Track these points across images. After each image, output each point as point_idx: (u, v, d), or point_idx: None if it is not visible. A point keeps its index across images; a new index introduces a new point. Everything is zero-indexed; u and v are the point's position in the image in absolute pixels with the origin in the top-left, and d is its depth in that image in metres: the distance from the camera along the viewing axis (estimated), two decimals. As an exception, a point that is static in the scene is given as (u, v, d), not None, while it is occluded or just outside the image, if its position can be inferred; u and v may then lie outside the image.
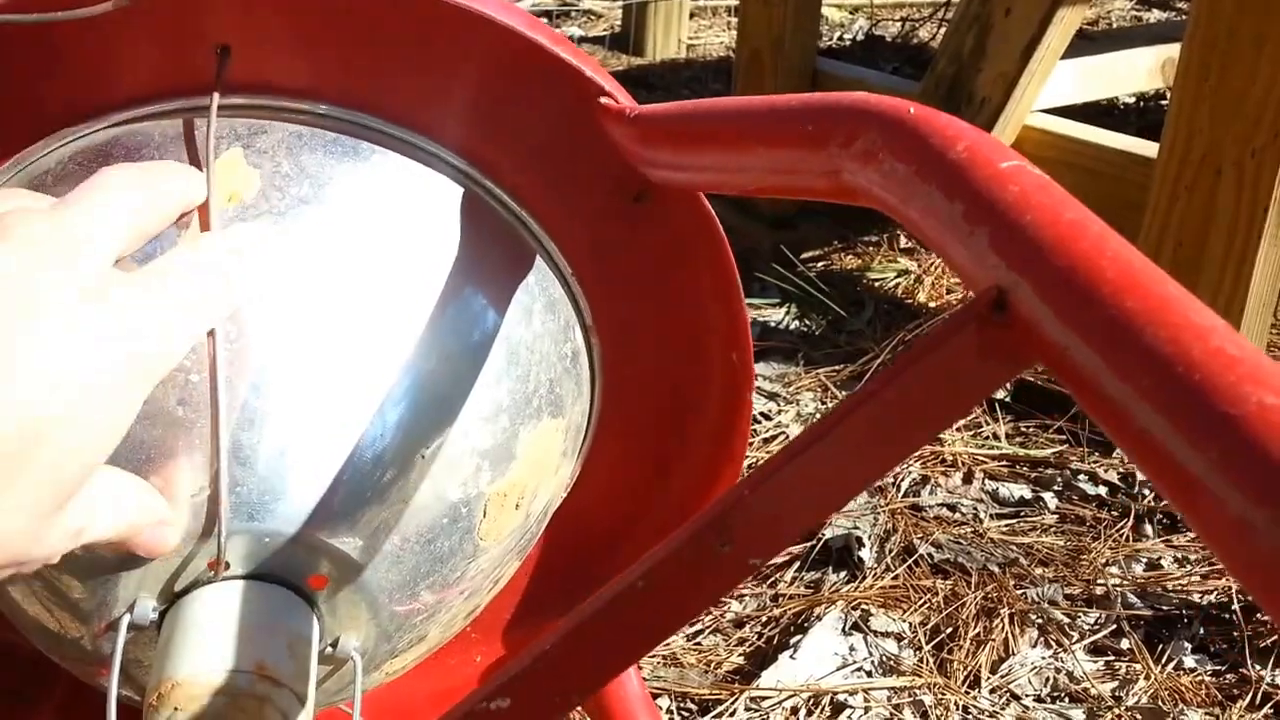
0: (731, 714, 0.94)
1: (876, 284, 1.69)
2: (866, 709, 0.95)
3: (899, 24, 3.11)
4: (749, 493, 0.32)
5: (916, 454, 1.21)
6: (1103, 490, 1.19)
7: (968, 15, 1.36)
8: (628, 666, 0.40)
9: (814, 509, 0.33)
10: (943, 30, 2.16)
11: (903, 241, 1.78)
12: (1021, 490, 1.19)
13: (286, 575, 0.51)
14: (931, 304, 1.63)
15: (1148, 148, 1.27)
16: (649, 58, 3.00)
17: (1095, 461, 1.23)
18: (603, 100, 0.54)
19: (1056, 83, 1.41)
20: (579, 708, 0.62)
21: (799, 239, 1.82)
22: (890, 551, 1.11)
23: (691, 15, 3.26)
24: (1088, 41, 1.59)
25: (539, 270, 0.63)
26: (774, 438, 1.29)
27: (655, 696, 0.96)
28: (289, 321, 0.52)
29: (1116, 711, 0.92)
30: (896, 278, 1.70)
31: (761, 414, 1.33)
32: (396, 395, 0.54)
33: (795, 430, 1.30)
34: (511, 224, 0.63)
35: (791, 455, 0.31)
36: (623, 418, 0.71)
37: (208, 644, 0.47)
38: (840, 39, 3.05)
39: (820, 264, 1.76)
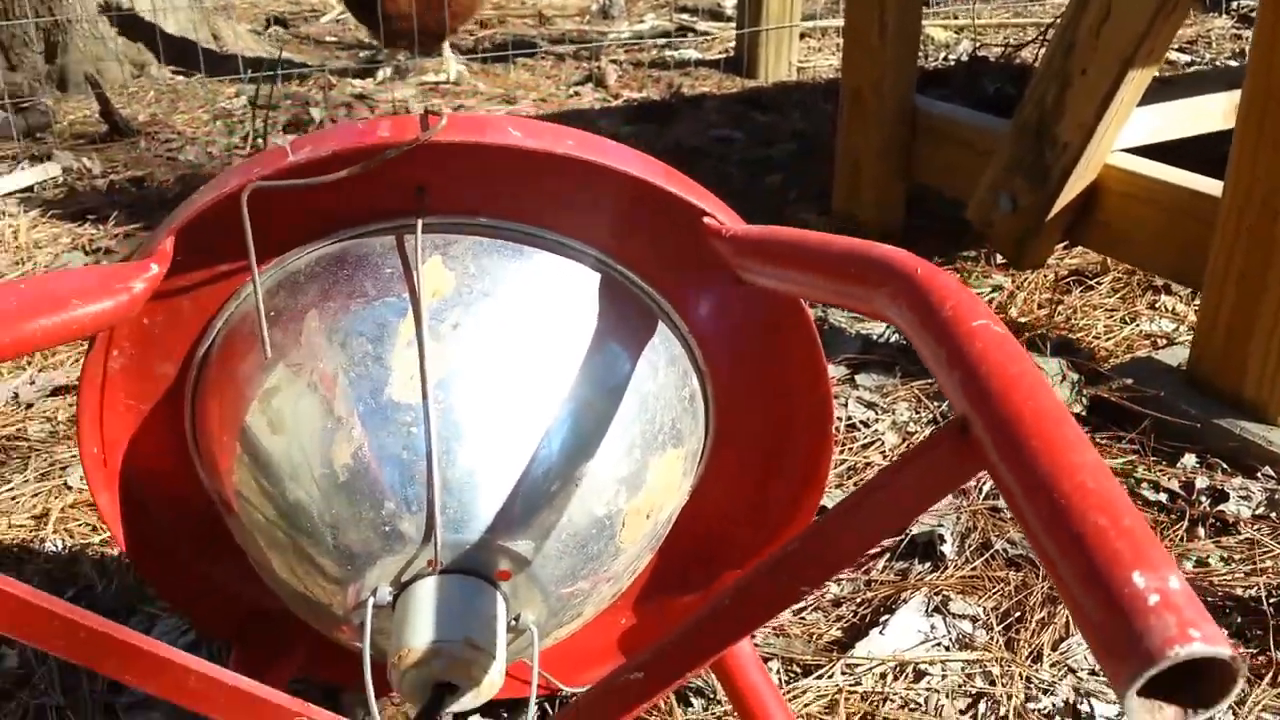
0: (830, 677, 1.05)
1: (972, 298, 1.74)
2: (943, 676, 1.05)
3: (1001, 47, 3.09)
4: (799, 545, 0.44)
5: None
6: (1164, 496, 1.24)
7: (1050, 70, 1.41)
8: (722, 651, 0.52)
9: (841, 560, 0.44)
10: (1043, 50, 2.18)
11: (998, 258, 1.82)
12: (1090, 494, 1.25)
13: (482, 570, 0.65)
14: (1022, 319, 1.67)
15: (1215, 186, 1.30)
16: (761, 79, 3.06)
17: (1160, 471, 1.28)
18: (706, 220, 0.66)
19: (1136, 125, 1.45)
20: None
21: (902, 255, 1.88)
22: (970, 546, 1.20)
23: (802, 36, 3.29)
24: (1167, 86, 1.61)
25: (662, 333, 0.76)
26: (870, 444, 1.38)
27: (765, 660, 1.07)
28: (478, 386, 0.66)
29: (1157, 691, 1.00)
30: (991, 293, 1.75)
31: (861, 422, 1.42)
32: (555, 438, 0.68)
33: (890, 438, 1.39)
34: (640, 298, 0.75)
35: (826, 521, 0.43)
36: (730, 443, 0.84)
37: (430, 622, 0.61)
38: (945, 59, 3.06)
39: (921, 279, 1.83)
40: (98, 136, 2.49)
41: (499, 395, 0.66)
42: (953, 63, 2.96)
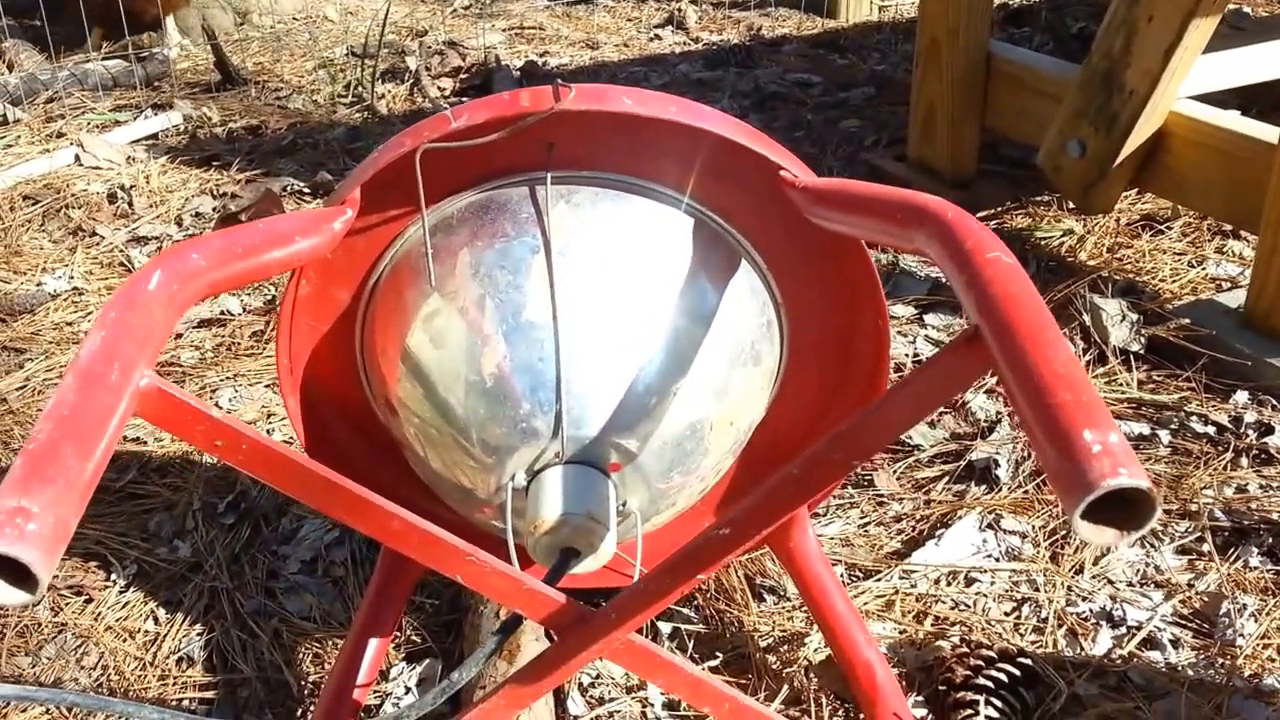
0: (888, 580, 1.20)
1: (1043, 242, 1.84)
2: (992, 583, 1.19)
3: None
4: (846, 428, 0.59)
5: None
6: (1211, 429, 1.36)
7: (1116, 19, 1.50)
8: (782, 517, 0.68)
9: (884, 437, 0.59)
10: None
11: (1070, 203, 1.91)
12: (1141, 428, 1.37)
13: (597, 462, 0.82)
14: (1091, 262, 1.77)
15: (1272, 133, 1.39)
16: (842, 20, 3.09)
17: (1213, 406, 1.39)
18: (782, 173, 0.81)
19: (1204, 73, 1.53)
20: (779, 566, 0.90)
21: (974, 198, 1.97)
22: (1023, 472, 1.33)
23: (885, -29, 3.31)
24: (1237, 32, 1.67)
25: (744, 268, 0.91)
26: (936, 376, 1.52)
27: (833, 564, 1.23)
28: (593, 310, 0.82)
29: (1186, 594, 1.13)
30: (1061, 237, 1.85)
31: (928, 357, 1.55)
32: (656, 355, 0.84)
33: (954, 370, 1.52)
34: (725, 238, 0.90)
35: (875, 408, 0.58)
36: (802, 364, 0.99)
37: (559, 500, 0.78)
38: (1035, -7, 3.08)
39: (993, 223, 1.92)
40: (211, 85, 2.70)
41: (611, 317, 0.82)
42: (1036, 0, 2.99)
